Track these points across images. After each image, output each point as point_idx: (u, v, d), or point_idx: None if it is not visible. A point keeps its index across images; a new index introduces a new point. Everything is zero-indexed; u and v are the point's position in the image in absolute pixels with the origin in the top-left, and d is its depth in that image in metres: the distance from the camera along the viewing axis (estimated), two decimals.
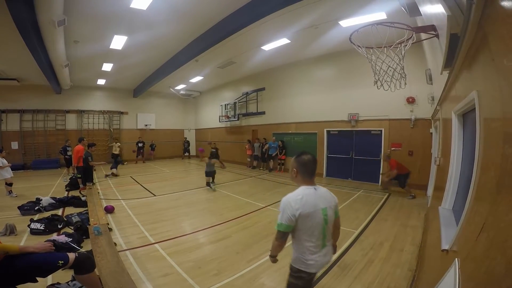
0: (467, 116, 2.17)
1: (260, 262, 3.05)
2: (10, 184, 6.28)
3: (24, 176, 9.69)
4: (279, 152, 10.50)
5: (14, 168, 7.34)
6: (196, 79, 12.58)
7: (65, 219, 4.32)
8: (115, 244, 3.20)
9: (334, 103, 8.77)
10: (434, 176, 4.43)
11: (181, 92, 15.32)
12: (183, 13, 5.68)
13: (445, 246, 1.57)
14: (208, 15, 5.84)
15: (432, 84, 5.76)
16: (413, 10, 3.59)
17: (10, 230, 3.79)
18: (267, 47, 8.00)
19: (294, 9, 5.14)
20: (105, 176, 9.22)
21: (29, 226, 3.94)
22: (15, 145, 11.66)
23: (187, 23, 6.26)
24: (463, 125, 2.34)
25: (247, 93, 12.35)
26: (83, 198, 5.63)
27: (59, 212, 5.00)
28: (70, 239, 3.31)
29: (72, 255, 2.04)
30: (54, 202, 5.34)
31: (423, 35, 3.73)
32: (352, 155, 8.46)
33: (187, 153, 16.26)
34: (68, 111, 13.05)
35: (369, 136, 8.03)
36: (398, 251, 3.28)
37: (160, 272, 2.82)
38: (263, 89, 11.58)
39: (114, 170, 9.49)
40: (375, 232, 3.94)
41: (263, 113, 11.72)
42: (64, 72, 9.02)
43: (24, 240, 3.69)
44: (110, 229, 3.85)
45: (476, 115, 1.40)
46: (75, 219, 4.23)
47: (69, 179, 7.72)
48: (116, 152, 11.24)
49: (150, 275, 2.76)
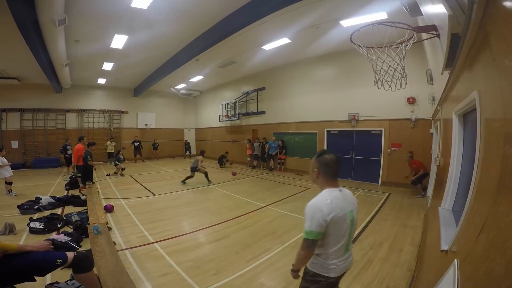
0: (467, 117, 2.17)
1: (259, 262, 3.04)
2: (10, 183, 6.27)
3: (24, 175, 9.68)
4: (279, 151, 10.50)
5: (14, 167, 7.32)
6: (197, 78, 12.59)
7: (65, 218, 4.32)
8: (114, 243, 3.19)
9: (335, 103, 8.76)
10: (434, 176, 4.43)
11: (182, 91, 15.33)
12: (184, 12, 5.68)
13: (445, 246, 1.57)
14: (208, 15, 5.84)
15: (432, 84, 5.74)
16: (414, 10, 3.59)
17: (10, 229, 3.79)
18: (268, 46, 8.00)
19: (295, 9, 5.14)
20: (119, 175, 9.33)
21: (28, 225, 3.94)
22: (15, 144, 11.67)
23: (188, 23, 6.26)
24: (464, 126, 2.34)
25: (247, 92, 12.35)
26: (82, 197, 5.63)
27: (59, 211, 5.00)
28: (69, 238, 3.31)
29: (70, 254, 2.03)
30: (54, 201, 5.34)
31: (424, 35, 3.73)
32: (352, 155, 8.44)
33: (188, 152, 16.41)
34: (68, 110, 13.06)
35: (369, 136, 8.02)
36: (397, 251, 3.28)
37: (159, 272, 2.82)
38: (263, 88, 11.58)
39: (120, 165, 9.49)
40: (375, 232, 3.94)
41: (263, 112, 11.72)
42: (65, 71, 9.04)
43: (23, 239, 3.69)
44: (110, 228, 3.86)
45: (476, 115, 1.40)
46: (75, 218, 4.22)
47: (69, 178, 7.72)
48: (112, 151, 11.21)
49: (149, 274, 2.76)
